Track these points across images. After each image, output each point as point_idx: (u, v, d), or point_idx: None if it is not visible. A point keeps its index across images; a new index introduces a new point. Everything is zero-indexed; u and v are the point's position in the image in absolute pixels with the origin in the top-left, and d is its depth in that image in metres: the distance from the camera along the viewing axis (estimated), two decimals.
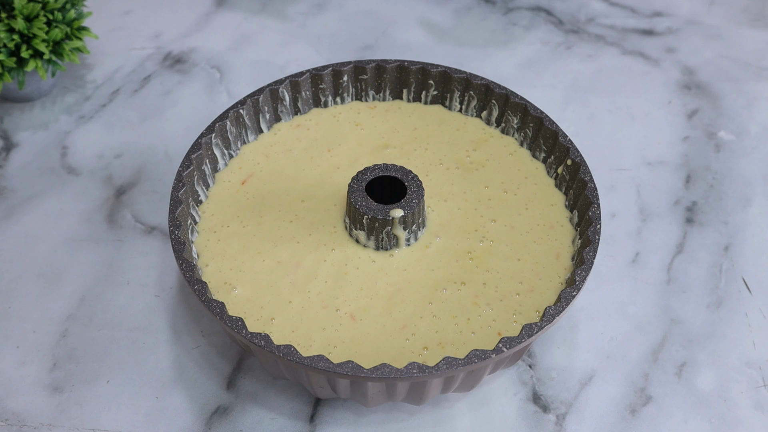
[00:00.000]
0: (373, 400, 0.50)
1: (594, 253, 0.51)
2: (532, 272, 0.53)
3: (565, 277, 0.53)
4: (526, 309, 0.52)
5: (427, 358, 0.49)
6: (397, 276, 0.53)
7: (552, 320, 0.48)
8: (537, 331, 0.47)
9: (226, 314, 0.48)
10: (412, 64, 0.62)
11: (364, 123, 0.63)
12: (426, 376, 0.46)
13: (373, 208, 0.53)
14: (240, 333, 0.47)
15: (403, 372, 0.45)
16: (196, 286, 0.49)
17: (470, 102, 0.62)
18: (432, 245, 0.55)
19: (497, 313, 0.51)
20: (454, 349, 0.50)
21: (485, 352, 0.46)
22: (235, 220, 0.56)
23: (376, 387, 0.47)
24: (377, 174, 0.55)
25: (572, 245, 0.55)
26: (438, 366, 0.46)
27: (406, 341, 0.50)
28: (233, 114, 0.59)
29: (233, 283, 0.53)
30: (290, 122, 0.62)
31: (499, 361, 0.49)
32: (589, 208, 0.54)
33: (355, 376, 0.45)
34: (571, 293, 0.49)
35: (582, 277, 0.50)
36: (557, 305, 0.49)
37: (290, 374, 0.50)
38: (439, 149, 0.61)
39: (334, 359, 0.49)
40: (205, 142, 0.57)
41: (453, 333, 0.51)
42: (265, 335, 0.47)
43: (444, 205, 0.57)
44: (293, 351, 0.46)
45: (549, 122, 0.58)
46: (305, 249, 0.55)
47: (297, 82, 0.61)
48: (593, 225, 0.52)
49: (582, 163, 0.56)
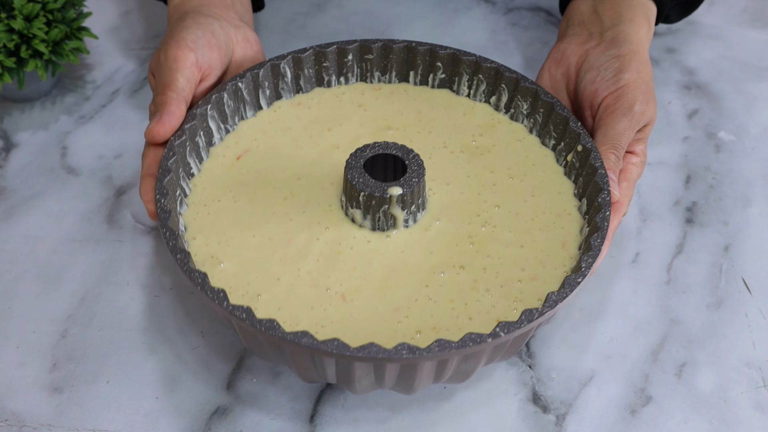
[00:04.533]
0: (361, 384, 0.47)
1: (602, 239, 0.49)
2: (535, 260, 0.52)
3: (571, 266, 0.51)
4: (527, 296, 0.50)
5: (419, 342, 0.47)
6: (393, 257, 0.52)
7: (554, 306, 0.46)
8: (537, 317, 0.45)
9: (207, 285, 0.46)
10: (420, 45, 0.60)
11: (367, 104, 0.61)
12: (416, 358, 0.43)
13: (370, 185, 0.51)
14: (221, 305, 0.45)
15: (391, 353, 0.43)
16: (178, 255, 0.47)
17: (479, 86, 0.61)
18: (431, 228, 0.53)
19: (497, 300, 0.50)
20: (450, 334, 0.48)
21: (481, 336, 0.44)
22: (227, 195, 0.55)
23: (363, 368, 0.45)
24: (377, 151, 0.53)
25: (579, 234, 0.53)
26: (429, 348, 0.43)
27: (398, 324, 0.48)
28: (231, 87, 0.57)
29: (220, 258, 0.51)
30: (291, 100, 0.61)
31: (497, 348, 0.46)
32: (599, 194, 0.52)
33: (340, 354, 0.43)
34: (576, 279, 0.47)
35: (588, 263, 0.48)
36: (560, 291, 0.47)
37: (274, 353, 0.47)
38: (443, 133, 0.59)
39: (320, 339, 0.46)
40: (200, 113, 0.55)
41: (449, 318, 0.49)
42: (247, 308, 0.45)
43: (446, 189, 0.55)
44: (276, 326, 0.44)
45: (560, 107, 0.57)
46: (298, 226, 0.53)
47: (300, 58, 0.59)
48: (602, 211, 0.51)
49: (593, 149, 0.54)
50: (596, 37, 0.62)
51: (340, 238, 0.53)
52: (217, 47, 0.58)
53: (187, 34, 0.57)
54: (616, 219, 0.53)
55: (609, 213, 0.51)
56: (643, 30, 0.62)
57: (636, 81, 0.58)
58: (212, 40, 0.58)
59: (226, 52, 0.59)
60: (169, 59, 0.56)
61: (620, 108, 0.56)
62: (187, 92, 0.55)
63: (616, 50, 0.60)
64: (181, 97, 0.54)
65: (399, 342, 0.46)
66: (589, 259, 0.48)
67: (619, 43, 0.60)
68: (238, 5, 0.65)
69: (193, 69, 0.56)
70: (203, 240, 0.52)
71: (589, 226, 0.52)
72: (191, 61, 0.56)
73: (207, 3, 0.62)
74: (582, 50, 0.62)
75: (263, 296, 0.50)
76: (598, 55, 0.60)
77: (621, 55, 0.59)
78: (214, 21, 0.59)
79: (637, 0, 0.64)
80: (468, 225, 0.54)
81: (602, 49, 0.60)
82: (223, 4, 0.63)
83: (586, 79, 0.60)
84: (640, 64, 0.59)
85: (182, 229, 0.52)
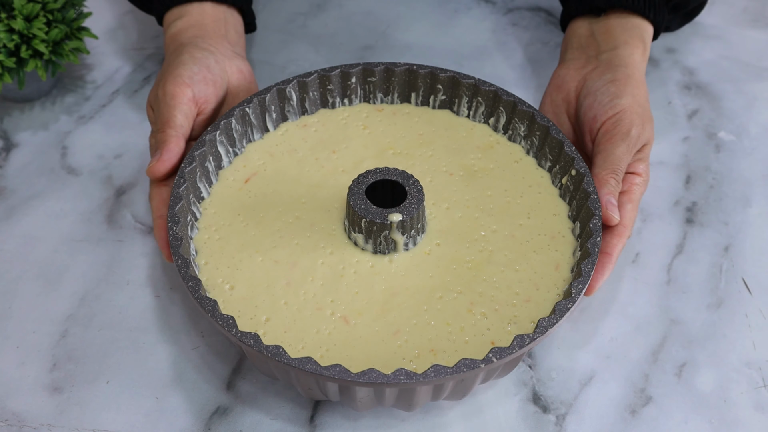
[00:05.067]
0: (362, 404, 0.50)
1: (592, 265, 0.51)
2: (530, 282, 0.53)
3: (563, 288, 0.53)
4: (521, 319, 0.51)
5: (418, 365, 0.49)
6: (394, 281, 0.53)
7: (545, 332, 0.48)
8: (529, 343, 0.47)
9: (217, 312, 0.48)
10: (421, 68, 0.62)
11: (370, 125, 0.62)
12: (413, 383, 0.45)
13: (371, 212, 0.53)
14: (230, 332, 0.47)
15: (390, 378, 0.45)
16: (190, 283, 0.49)
17: (478, 108, 0.62)
18: (431, 251, 0.55)
19: (492, 322, 0.51)
20: (446, 357, 0.50)
21: (474, 362, 0.46)
22: (236, 218, 0.56)
23: (363, 391, 0.47)
24: (378, 177, 0.54)
25: (573, 256, 0.54)
26: (426, 374, 0.45)
27: (398, 346, 0.50)
28: (239, 112, 0.59)
29: (230, 282, 0.53)
30: (297, 122, 0.62)
31: (491, 371, 0.48)
32: (591, 219, 0.53)
33: (342, 379, 0.45)
34: (566, 306, 0.49)
35: (578, 289, 0.50)
36: (551, 317, 0.48)
37: (280, 375, 0.50)
38: (444, 154, 0.60)
39: (324, 362, 0.49)
40: (209, 139, 0.57)
41: (446, 340, 0.50)
42: (254, 335, 0.47)
43: (445, 212, 0.57)
44: (282, 352, 0.46)
45: (555, 131, 0.58)
46: (303, 250, 0.55)
47: (305, 82, 0.61)
48: (593, 237, 0.52)
49: (586, 174, 0.55)
50: (593, 61, 0.64)
51: (343, 261, 0.54)
52: (213, 82, 0.60)
53: (183, 71, 0.59)
54: (621, 243, 0.55)
55: (599, 239, 0.52)
56: (638, 52, 0.64)
57: (632, 105, 0.59)
58: (208, 75, 0.60)
59: (222, 86, 0.61)
60: (167, 96, 0.58)
61: (618, 134, 0.58)
62: (185, 128, 0.57)
63: (611, 75, 0.61)
64: (180, 134, 0.57)
65: (398, 364, 0.49)
66: (580, 285, 0.50)
67: (614, 68, 0.62)
68: (232, 33, 0.67)
69: (190, 105, 0.58)
70: (214, 264, 0.54)
71: (581, 251, 0.53)
72: (188, 97, 0.58)
73: (202, 35, 0.64)
74: (580, 75, 0.63)
75: (270, 320, 0.51)
76: (595, 80, 0.62)
77: (616, 79, 0.61)
78: (210, 55, 0.61)
79: (631, 22, 0.66)
80: (466, 248, 0.55)
81: (598, 74, 0.62)
82: (217, 35, 0.65)
83: (584, 105, 0.61)
84: (635, 87, 0.61)
85: (193, 254, 0.54)
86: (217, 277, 0.53)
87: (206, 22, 0.65)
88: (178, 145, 0.56)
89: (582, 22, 0.68)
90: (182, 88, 0.58)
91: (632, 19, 0.66)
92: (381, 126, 0.62)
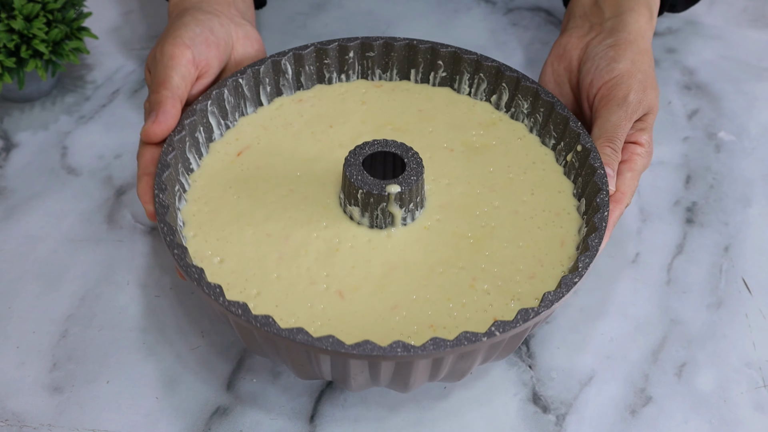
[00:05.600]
0: (356, 381, 0.47)
1: (600, 240, 0.49)
2: (534, 258, 0.52)
3: (569, 265, 0.51)
4: (525, 295, 0.50)
5: (416, 340, 0.47)
6: (392, 255, 0.51)
7: (550, 306, 0.46)
8: (533, 317, 0.45)
9: (204, 280, 0.46)
10: (422, 43, 0.60)
11: (369, 101, 0.61)
12: (411, 356, 0.43)
13: (368, 183, 0.51)
14: (217, 300, 0.45)
15: (386, 350, 0.43)
16: (175, 251, 0.47)
17: (480, 85, 0.61)
18: (430, 226, 0.53)
19: (494, 298, 0.50)
20: (446, 333, 0.48)
21: (476, 335, 0.44)
22: (226, 191, 0.54)
23: (358, 366, 0.45)
24: (376, 149, 0.53)
25: (578, 234, 0.53)
26: (424, 346, 0.43)
27: (395, 321, 0.48)
28: (232, 83, 0.57)
29: (219, 255, 0.51)
30: (292, 96, 0.61)
31: (492, 347, 0.46)
32: (598, 194, 0.52)
33: (335, 351, 0.43)
34: (573, 279, 0.47)
35: (585, 263, 0.48)
36: (557, 291, 0.47)
37: (270, 350, 0.47)
38: (444, 131, 0.59)
39: (318, 335, 0.47)
40: (200, 108, 0.55)
41: (446, 316, 0.49)
42: (243, 304, 0.45)
43: (445, 187, 0.55)
44: (271, 322, 0.44)
45: (560, 107, 0.57)
46: (296, 223, 0.53)
47: (301, 54, 0.59)
48: (601, 212, 0.51)
49: (592, 149, 0.54)
50: (596, 29, 0.62)
51: (338, 235, 0.52)
52: (215, 45, 0.58)
53: (184, 32, 0.57)
54: (618, 210, 0.53)
55: (607, 213, 0.51)
56: (644, 18, 0.61)
57: (630, 70, 0.57)
58: (210, 37, 0.58)
59: (225, 50, 0.59)
60: (165, 56, 0.55)
61: (614, 99, 0.56)
62: (182, 90, 0.55)
63: (612, 39, 0.59)
64: (176, 96, 0.54)
65: (396, 339, 0.46)
66: (587, 259, 0.48)
67: (616, 33, 0.60)
68: (240, 2, 0.65)
69: (189, 67, 0.56)
70: (202, 237, 0.52)
71: (588, 226, 0.52)
72: (187, 58, 0.56)
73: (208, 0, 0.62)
74: (583, 43, 0.61)
75: (261, 293, 0.49)
76: (595, 46, 0.60)
77: (616, 44, 0.58)
78: (214, 18, 0.59)
79: None
80: (467, 223, 0.54)
81: (600, 40, 0.60)
82: (224, 1, 0.63)
83: (583, 70, 0.59)
84: (637, 53, 0.58)
85: (180, 225, 0.52)
86: (205, 249, 0.51)
87: None
88: (174, 106, 0.53)
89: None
90: (181, 48, 0.55)
91: None
92: (380, 101, 0.61)
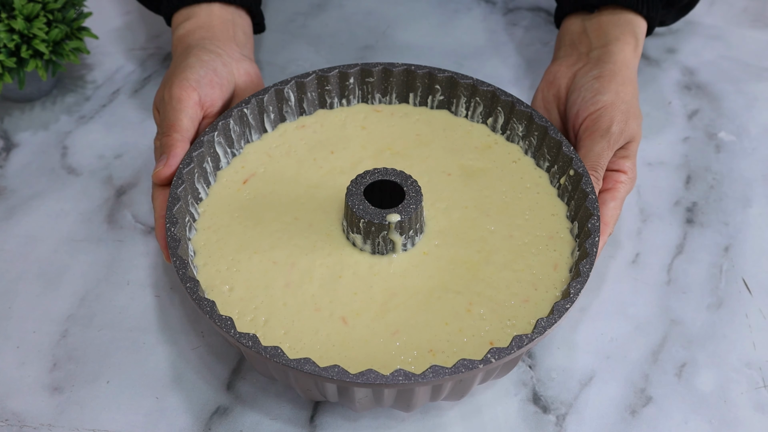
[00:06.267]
0: (361, 405, 0.50)
1: (590, 266, 0.51)
2: (528, 282, 0.53)
3: (562, 288, 0.53)
4: (519, 320, 0.51)
5: (416, 365, 0.49)
6: (393, 281, 0.53)
7: (543, 332, 0.48)
8: (527, 343, 0.47)
9: (216, 313, 0.48)
10: (419, 69, 0.62)
11: (369, 126, 0.62)
12: (411, 384, 0.45)
13: (369, 212, 0.53)
14: (228, 333, 0.47)
15: (388, 379, 0.45)
16: (188, 284, 0.49)
17: (476, 108, 0.62)
18: (429, 251, 0.55)
19: (490, 323, 0.51)
20: (445, 357, 0.50)
21: (473, 362, 0.46)
22: (234, 219, 0.56)
23: (362, 392, 0.47)
24: (376, 178, 0.54)
25: (571, 257, 0.54)
26: (424, 374, 0.45)
27: (396, 346, 0.50)
28: (237, 113, 0.59)
29: (228, 283, 0.53)
30: (295, 122, 0.62)
31: (489, 371, 0.48)
32: (589, 219, 0.53)
33: (340, 380, 0.45)
34: (565, 306, 0.49)
35: (576, 290, 0.50)
36: (549, 317, 0.48)
37: (278, 376, 0.50)
38: (442, 155, 0.60)
39: (323, 362, 0.49)
40: (207, 139, 0.57)
41: (444, 340, 0.50)
42: (253, 336, 0.47)
43: (443, 212, 0.57)
44: (280, 353, 0.46)
45: (554, 131, 0.58)
46: (301, 251, 0.54)
47: (302, 83, 0.61)
48: (592, 237, 0.52)
49: (584, 174, 0.55)
50: (584, 58, 0.64)
51: (341, 262, 0.54)
52: (219, 85, 0.60)
53: (190, 74, 0.59)
54: (601, 240, 0.54)
55: (598, 239, 0.52)
56: (629, 48, 0.64)
57: (614, 102, 0.59)
58: (214, 78, 0.60)
59: (228, 89, 0.61)
60: (173, 99, 0.58)
61: (598, 130, 0.58)
62: (191, 132, 0.57)
63: (597, 71, 0.61)
64: (186, 138, 0.57)
65: (397, 364, 0.49)
66: (578, 285, 0.50)
67: (601, 64, 0.62)
68: (240, 35, 0.67)
69: (196, 108, 0.58)
70: (213, 265, 0.54)
71: (579, 251, 0.53)
72: (194, 100, 0.58)
73: (210, 37, 0.64)
74: (571, 72, 0.63)
75: (269, 321, 0.51)
76: (582, 77, 0.62)
77: (601, 75, 0.61)
78: (217, 58, 0.61)
79: (624, 18, 0.65)
80: (464, 248, 0.55)
81: (586, 71, 0.62)
82: (225, 37, 0.65)
83: (569, 100, 0.61)
84: (621, 84, 0.60)
85: (192, 255, 0.54)
86: (215, 278, 0.53)
87: (214, 24, 0.65)
88: (183, 149, 0.56)
89: (575, 19, 0.68)
90: (188, 91, 0.58)
91: (625, 14, 0.65)
92: (379, 126, 0.62)
